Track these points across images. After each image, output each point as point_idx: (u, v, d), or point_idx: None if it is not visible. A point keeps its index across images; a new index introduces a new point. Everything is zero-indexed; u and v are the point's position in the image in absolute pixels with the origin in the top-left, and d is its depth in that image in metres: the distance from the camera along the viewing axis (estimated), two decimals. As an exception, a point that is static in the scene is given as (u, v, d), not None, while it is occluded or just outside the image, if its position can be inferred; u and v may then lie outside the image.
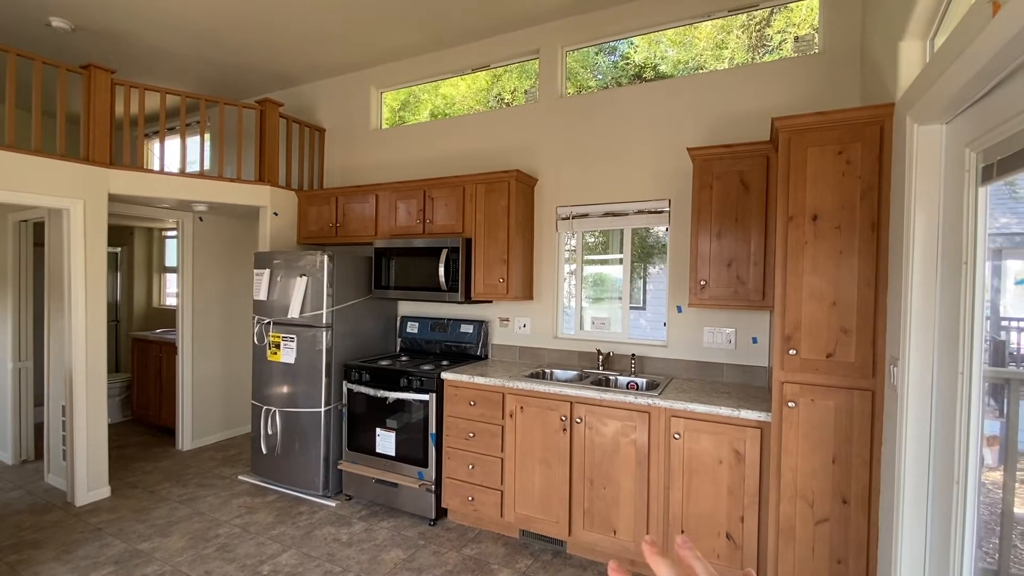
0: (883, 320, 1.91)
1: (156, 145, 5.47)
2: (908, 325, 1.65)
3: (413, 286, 3.40)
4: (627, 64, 3.61)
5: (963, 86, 1.27)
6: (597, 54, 3.66)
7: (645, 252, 3.71)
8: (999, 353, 1.66)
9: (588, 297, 3.51)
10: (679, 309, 3.02)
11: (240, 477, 3.74)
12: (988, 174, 1.35)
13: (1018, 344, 1.73)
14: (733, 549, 2.31)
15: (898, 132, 1.79)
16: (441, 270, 3.22)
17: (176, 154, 5.26)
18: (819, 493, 2.02)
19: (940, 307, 1.60)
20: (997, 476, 1.70)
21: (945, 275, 1.57)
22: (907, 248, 1.66)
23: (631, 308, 3.29)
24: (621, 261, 3.29)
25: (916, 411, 1.65)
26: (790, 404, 2.05)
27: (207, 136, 4.87)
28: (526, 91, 3.89)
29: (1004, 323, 1.66)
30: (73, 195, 3.18)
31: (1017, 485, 1.71)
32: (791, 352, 2.05)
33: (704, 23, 3.17)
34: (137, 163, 3.78)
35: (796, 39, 2.91)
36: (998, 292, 1.54)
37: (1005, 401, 1.69)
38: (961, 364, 1.47)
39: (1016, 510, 1.74)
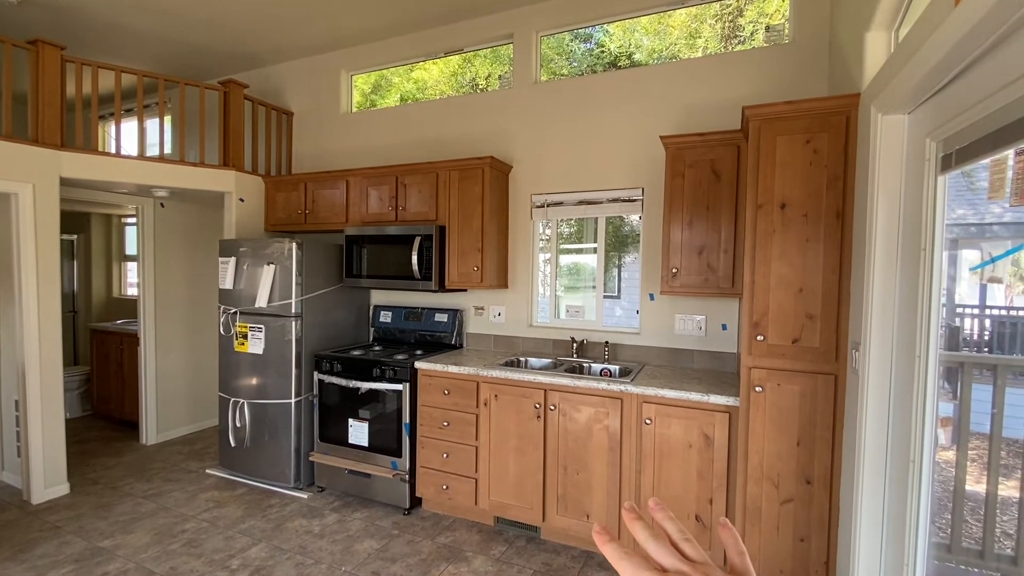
0: (847, 306, 1.96)
1: (112, 127, 5.22)
2: (869, 311, 1.70)
3: (386, 274, 3.34)
4: (602, 52, 3.60)
5: (925, 76, 1.30)
6: (572, 41, 3.63)
7: (619, 241, 3.72)
8: (953, 339, 1.73)
9: (563, 286, 3.51)
10: (651, 297, 3.05)
11: (208, 471, 3.65)
12: (947, 163, 1.38)
13: (971, 330, 1.81)
14: (702, 530, 2.37)
15: (863, 122, 1.83)
16: (414, 258, 3.17)
17: (134, 136, 5.02)
18: (784, 474, 2.08)
19: (900, 293, 1.65)
20: (950, 455, 1.78)
21: (905, 262, 1.62)
22: (869, 236, 1.70)
23: (606, 297, 3.31)
24: (595, 250, 3.30)
25: (876, 394, 1.71)
26: (757, 389, 2.10)
27: (167, 118, 4.68)
28: (500, 76, 3.84)
29: (959, 310, 1.73)
30: (21, 179, 3.00)
31: (968, 464, 1.80)
32: (759, 338, 2.09)
33: (678, 11, 3.17)
34: (91, 145, 3.58)
35: (767, 29, 2.94)
36: (954, 280, 1.60)
37: (958, 384, 1.76)
38: (918, 348, 1.52)
39: (967, 487, 1.83)
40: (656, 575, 0.34)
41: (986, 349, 1.83)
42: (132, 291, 5.53)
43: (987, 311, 1.72)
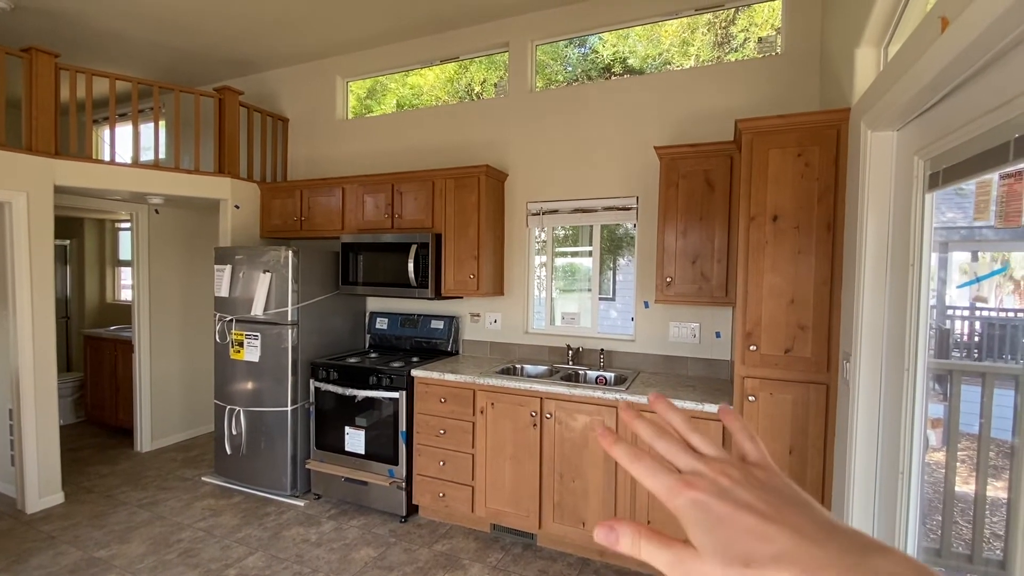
0: (837, 317, 1.99)
1: (106, 133, 5.19)
2: (860, 322, 1.73)
3: (382, 282, 3.35)
4: (596, 57, 3.62)
5: (913, 97, 1.33)
6: (567, 46, 3.65)
7: (614, 244, 3.75)
8: (944, 341, 1.76)
9: (559, 289, 3.53)
10: (646, 305, 3.08)
11: (203, 478, 3.64)
12: (935, 181, 1.41)
13: (962, 332, 1.85)
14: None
15: (853, 137, 1.86)
16: (411, 266, 3.18)
17: (128, 143, 5.00)
18: (777, 482, 2.10)
19: (889, 305, 1.68)
20: (940, 457, 1.81)
21: (894, 275, 1.65)
22: (860, 249, 1.73)
23: (600, 299, 3.33)
24: (590, 254, 3.32)
25: (866, 404, 1.74)
26: (750, 398, 2.13)
27: (162, 125, 4.66)
28: (495, 83, 3.86)
29: (949, 312, 1.76)
30: (15, 187, 2.99)
31: (958, 464, 1.83)
32: (752, 348, 2.12)
33: (671, 21, 3.19)
34: (85, 153, 3.58)
35: (759, 40, 2.97)
36: (944, 283, 1.63)
37: (948, 386, 1.79)
38: (907, 360, 1.55)
39: (957, 488, 1.86)
40: (672, 477, 0.31)
41: (976, 351, 1.86)
42: (126, 295, 5.50)
43: (977, 312, 1.75)
